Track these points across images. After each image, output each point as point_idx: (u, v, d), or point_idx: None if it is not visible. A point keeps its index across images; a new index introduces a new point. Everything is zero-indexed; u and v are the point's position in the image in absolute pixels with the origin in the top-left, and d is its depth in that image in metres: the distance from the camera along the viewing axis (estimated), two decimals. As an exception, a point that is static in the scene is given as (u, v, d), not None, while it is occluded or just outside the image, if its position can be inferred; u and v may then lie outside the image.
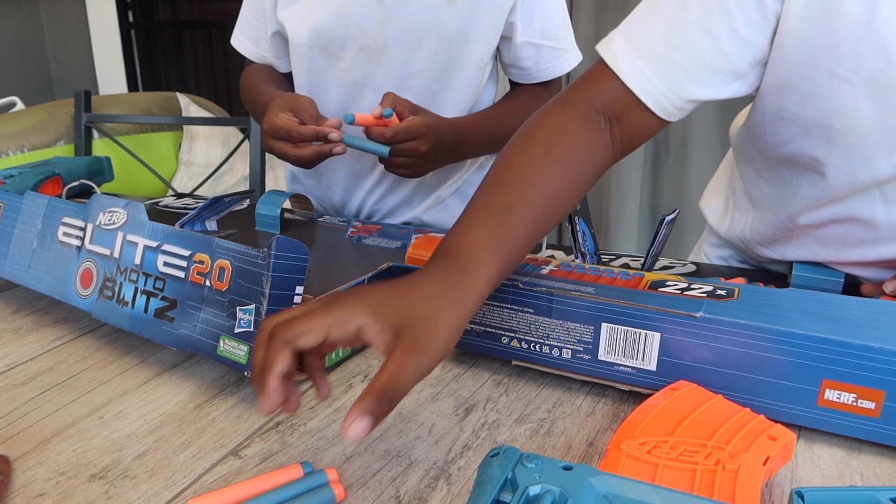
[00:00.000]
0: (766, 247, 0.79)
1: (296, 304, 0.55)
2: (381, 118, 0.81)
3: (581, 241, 0.70)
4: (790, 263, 0.76)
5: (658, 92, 0.59)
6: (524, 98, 1.03)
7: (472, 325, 0.60)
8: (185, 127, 2.21)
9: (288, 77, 1.06)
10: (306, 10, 0.95)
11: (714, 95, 0.60)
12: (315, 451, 0.50)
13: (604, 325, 0.54)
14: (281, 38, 1.02)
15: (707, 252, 0.92)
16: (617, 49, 0.60)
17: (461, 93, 0.96)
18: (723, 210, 0.88)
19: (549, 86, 1.03)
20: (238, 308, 0.55)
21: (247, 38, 1.04)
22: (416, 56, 0.93)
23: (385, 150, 0.81)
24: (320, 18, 0.93)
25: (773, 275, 0.81)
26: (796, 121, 0.63)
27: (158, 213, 1.04)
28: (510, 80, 1.05)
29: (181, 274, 0.59)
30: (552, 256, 0.86)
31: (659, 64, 0.59)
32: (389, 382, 0.42)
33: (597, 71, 0.62)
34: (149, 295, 0.60)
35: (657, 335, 0.53)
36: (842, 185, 0.65)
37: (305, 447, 0.50)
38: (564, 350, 0.56)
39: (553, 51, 0.97)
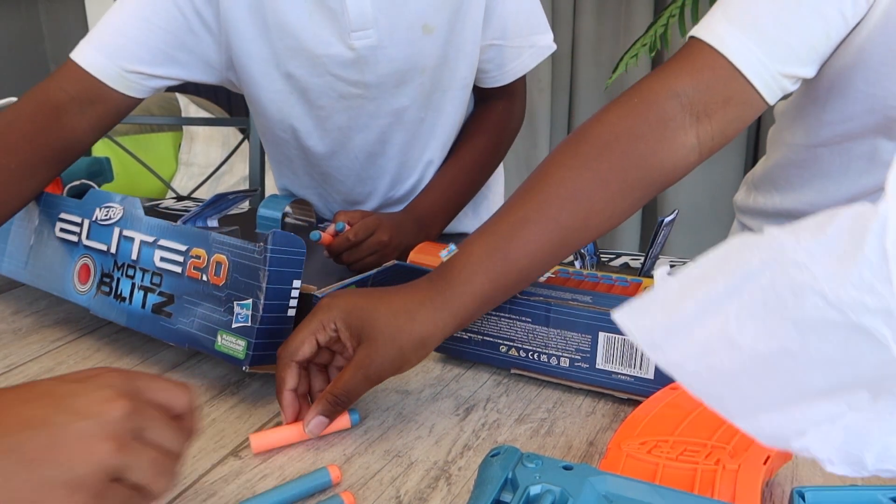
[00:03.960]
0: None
1: (293, 297, 0.55)
2: (337, 233, 0.81)
3: (581, 242, 0.70)
4: None
5: (766, 72, 0.55)
6: (484, 139, 0.96)
7: (471, 334, 0.60)
8: (184, 127, 2.21)
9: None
10: (269, 53, 0.83)
11: (804, 75, 0.57)
12: (315, 450, 0.50)
13: (601, 335, 0.54)
14: (165, 82, 0.81)
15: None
16: (721, 30, 0.55)
17: (447, 113, 0.93)
18: (745, 193, 0.88)
19: (512, 95, 0.97)
20: (235, 303, 0.54)
21: (105, 53, 0.75)
22: (400, 92, 0.88)
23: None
24: (292, 67, 0.85)
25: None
26: (862, 99, 0.63)
27: (158, 216, 1.03)
28: (474, 90, 0.97)
29: (178, 269, 0.59)
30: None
31: (768, 42, 0.54)
32: (341, 391, 0.49)
33: (691, 58, 0.56)
34: (146, 290, 0.60)
35: None
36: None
37: (306, 447, 0.50)
38: (563, 359, 0.56)
39: (514, 50, 0.91)
